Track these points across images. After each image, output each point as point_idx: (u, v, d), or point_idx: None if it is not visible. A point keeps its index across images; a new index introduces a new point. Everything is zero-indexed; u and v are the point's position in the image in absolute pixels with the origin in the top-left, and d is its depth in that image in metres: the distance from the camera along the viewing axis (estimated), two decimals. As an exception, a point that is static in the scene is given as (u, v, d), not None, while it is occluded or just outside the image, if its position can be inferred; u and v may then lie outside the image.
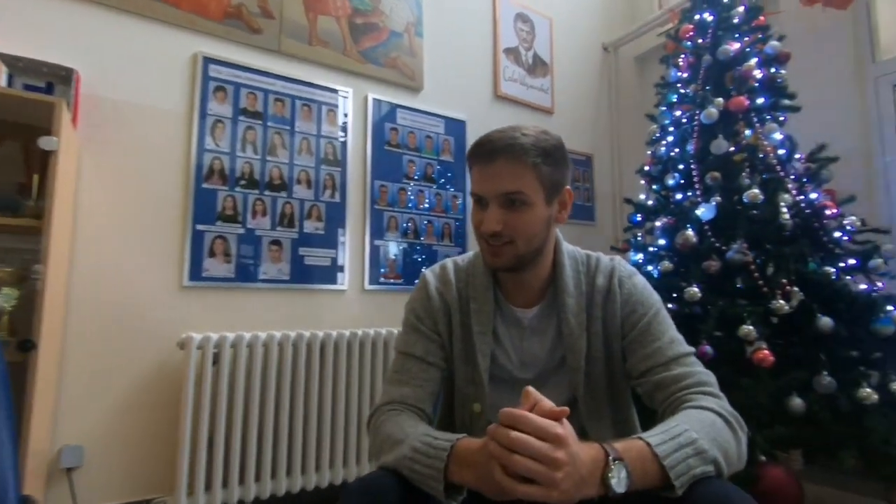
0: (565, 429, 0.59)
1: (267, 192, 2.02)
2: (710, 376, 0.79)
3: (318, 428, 1.86)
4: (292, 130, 2.10)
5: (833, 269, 1.54)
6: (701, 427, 0.67)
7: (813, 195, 1.65)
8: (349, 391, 1.94)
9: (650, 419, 0.85)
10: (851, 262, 1.58)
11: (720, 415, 0.71)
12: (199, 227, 1.86)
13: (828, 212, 1.62)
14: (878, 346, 1.49)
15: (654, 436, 0.65)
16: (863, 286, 1.53)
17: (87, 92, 1.69)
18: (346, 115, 2.25)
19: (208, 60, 1.93)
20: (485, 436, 0.65)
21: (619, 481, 0.59)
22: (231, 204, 1.94)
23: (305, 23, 2.18)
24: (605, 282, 0.88)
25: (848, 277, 1.59)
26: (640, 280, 0.89)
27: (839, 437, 1.35)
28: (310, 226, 2.10)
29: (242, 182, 1.97)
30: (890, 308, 1.47)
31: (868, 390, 1.36)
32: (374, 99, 2.33)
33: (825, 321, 1.47)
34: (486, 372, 0.86)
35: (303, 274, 2.06)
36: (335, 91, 2.23)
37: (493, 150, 0.79)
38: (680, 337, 0.84)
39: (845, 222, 1.63)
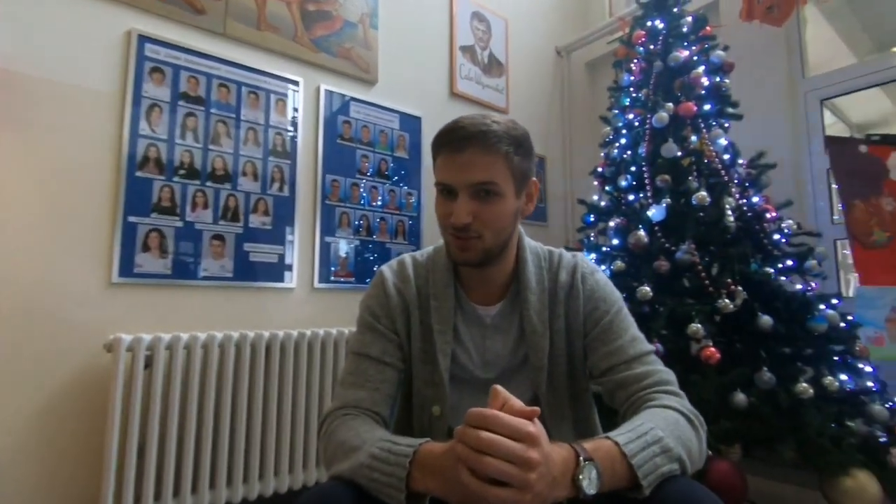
0: (537, 428, 0.56)
1: (209, 184, 1.89)
2: (670, 375, 0.79)
3: (263, 434, 1.76)
4: (238, 119, 1.98)
5: (772, 270, 1.62)
6: (665, 425, 0.67)
7: (755, 199, 1.73)
8: (296, 394, 1.84)
9: (610, 419, 0.84)
10: (788, 263, 1.66)
11: (682, 413, 0.71)
12: (132, 218, 1.71)
13: (768, 215, 1.70)
14: (812, 343, 1.58)
15: (622, 434, 0.63)
16: (798, 286, 1.61)
17: (1, 66, 1.51)
18: (296, 106, 2.15)
19: (144, 39, 1.78)
20: (448, 439, 0.61)
21: (590, 482, 0.57)
22: (168, 195, 1.80)
23: (254, 6, 2.06)
24: (567, 278, 0.86)
25: (783, 278, 1.68)
26: (602, 277, 0.88)
27: (779, 430, 1.42)
28: (256, 220, 1.98)
29: (181, 172, 1.83)
30: (822, 307, 1.56)
31: (804, 385, 1.43)
32: (327, 90, 2.24)
33: (765, 319, 1.53)
34: (446, 372, 0.82)
35: (247, 271, 1.94)
36: (285, 79, 2.12)
37: (464, 136, 0.74)
38: (641, 335, 0.84)
39: (783, 225, 1.72)
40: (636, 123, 1.96)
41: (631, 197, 1.86)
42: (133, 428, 1.51)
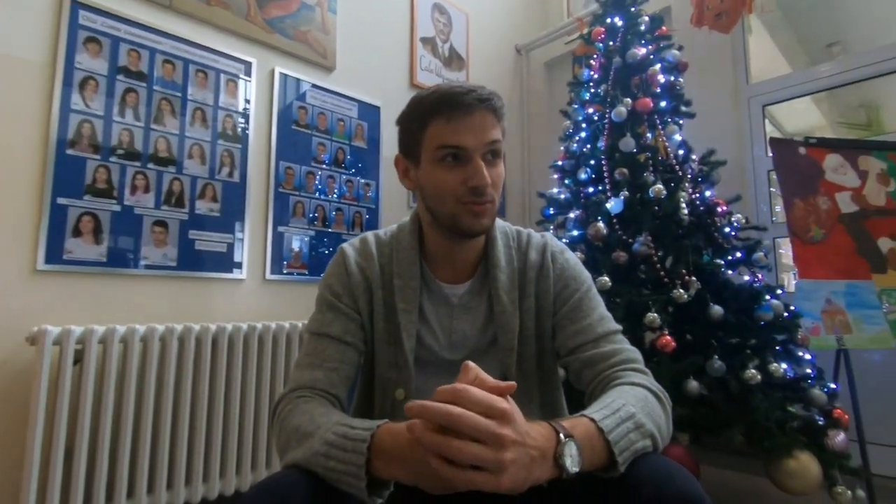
0: (511, 405, 0.53)
1: (151, 166, 1.76)
2: (636, 353, 0.79)
3: (208, 433, 1.65)
4: (184, 98, 1.86)
5: (722, 262, 1.67)
6: (636, 402, 0.65)
7: (707, 193, 1.79)
8: (245, 391, 1.74)
9: (576, 402, 0.83)
10: (738, 255, 1.73)
11: (650, 390, 0.70)
12: (61, 200, 1.57)
13: (719, 209, 1.76)
14: (757, 332, 1.64)
15: (597, 411, 0.61)
16: (746, 277, 1.68)
17: None
18: (248, 88, 2.04)
19: (78, 5, 1.64)
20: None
21: (572, 460, 0.54)
22: (104, 176, 1.66)
23: (203, -21, 1.94)
24: (537, 257, 0.84)
25: (730, 272, 1.74)
26: (572, 256, 0.87)
27: (728, 415, 1.47)
28: (203, 206, 1.87)
29: (120, 152, 1.70)
30: (768, 297, 1.63)
31: (753, 371, 1.49)
32: (282, 73, 2.15)
33: (716, 309, 1.58)
34: (411, 353, 0.78)
35: (193, 260, 1.82)
36: (237, 60, 2.01)
37: (477, 98, 0.73)
38: (608, 314, 0.83)
39: (733, 219, 1.79)
40: (595, 118, 1.99)
41: (590, 189, 1.88)
42: (59, 429, 1.38)
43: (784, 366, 1.61)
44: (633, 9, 2.08)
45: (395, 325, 0.79)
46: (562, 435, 0.55)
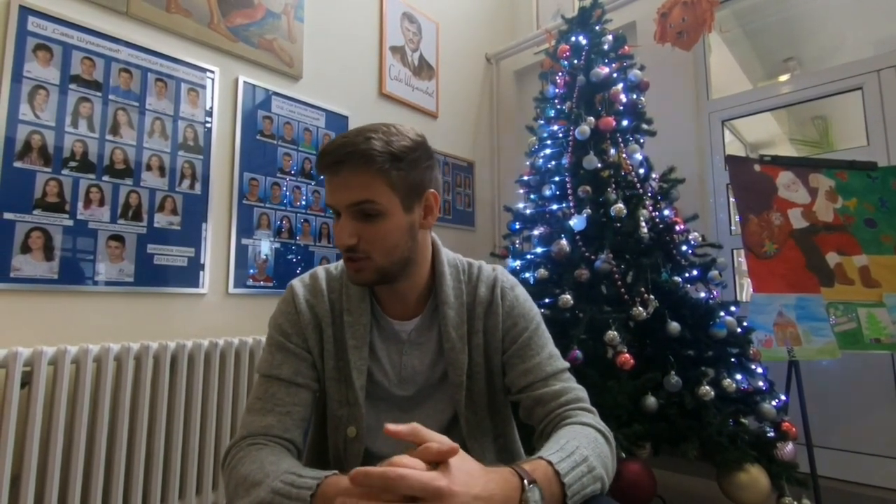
0: (448, 479, 0.52)
1: (106, 178, 1.70)
2: (584, 392, 0.81)
3: (166, 456, 1.61)
4: (142, 108, 1.80)
5: (680, 279, 1.73)
6: (588, 443, 0.67)
7: (666, 212, 1.84)
8: (206, 410, 1.70)
9: (528, 433, 0.84)
10: (694, 272, 1.78)
11: (599, 430, 0.73)
12: (8, 215, 1.51)
13: (677, 227, 1.81)
14: (712, 347, 1.70)
15: (553, 454, 0.63)
16: (702, 294, 1.73)
17: None
18: (211, 97, 1.99)
19: (27, 11, 1.57)
20: (364, 462, 0.57)
21: None
22: (55, 189, 1.60)
23: (163, -15, 1.89)
24: (486, 293, 0.85)
25: (688, 286, 1.80)
26: (522, 292, 0.88)
27: (684, 430, 1.52)
28: (162, 219, 1.82)
29: (73, 164, 1.64)
30: (722, 314, 1.69)
31: (707, 388, 1.54)
32: (246, 82, 2.11)
33: (674, 326, 1.63)
34: (361, 391, 0.78)
35: (152, 275, 1.77)
36: (199, 68, 1.96)
37: (336, 159, 0.70)
38: (557, 351, 0.85)
39: (690, 237, 1.85)
40: (560, 134, 2.02)
41: (554, 206, 1.91)
42: (5, 455, 1.32)
43: (738, 376, 1.67)
44: (597, 27, 2.12)
45: (345, 363, 0.79)
46: (526, 481, 0.56)
